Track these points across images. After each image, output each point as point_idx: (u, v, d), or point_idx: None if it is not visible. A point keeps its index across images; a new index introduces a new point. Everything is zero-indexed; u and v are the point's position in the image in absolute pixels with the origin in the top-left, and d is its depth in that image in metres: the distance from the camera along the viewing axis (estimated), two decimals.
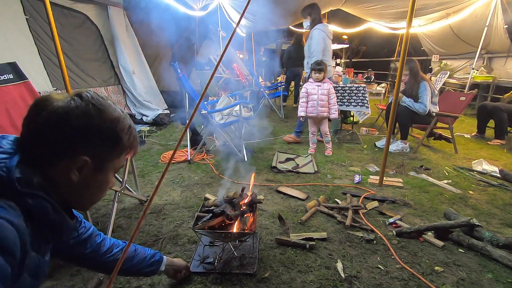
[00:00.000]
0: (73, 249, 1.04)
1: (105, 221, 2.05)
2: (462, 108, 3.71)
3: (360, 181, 2.73)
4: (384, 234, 1.90)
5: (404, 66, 2.56)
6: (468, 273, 1.56)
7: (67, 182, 0.71)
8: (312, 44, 3.77)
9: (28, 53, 3.67)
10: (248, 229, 1.59)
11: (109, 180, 0.80)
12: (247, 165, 3.09)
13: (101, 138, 0.72)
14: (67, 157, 0.69)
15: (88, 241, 1.08)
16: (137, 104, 5.27)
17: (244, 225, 1.61)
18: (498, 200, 2.40)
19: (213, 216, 1.57)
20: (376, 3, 5.28)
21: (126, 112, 0.80)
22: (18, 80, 1.96)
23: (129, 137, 0.78)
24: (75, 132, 0.69)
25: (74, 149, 0.70)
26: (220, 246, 1.70)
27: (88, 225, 1.11)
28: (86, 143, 0.70)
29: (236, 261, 1.61)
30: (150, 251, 1.28)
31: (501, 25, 5.40)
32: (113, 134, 0.74)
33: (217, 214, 1.56)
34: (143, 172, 2.94)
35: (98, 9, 4.79)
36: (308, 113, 3.50)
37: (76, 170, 0.71)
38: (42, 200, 0.66)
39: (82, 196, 0.78)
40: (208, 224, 1.54)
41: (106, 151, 0.75)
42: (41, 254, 0.72)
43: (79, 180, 0.72)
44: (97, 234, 1.13)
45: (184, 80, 3.30)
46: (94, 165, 0.73)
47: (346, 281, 1.50)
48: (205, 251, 1.69)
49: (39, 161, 0.68)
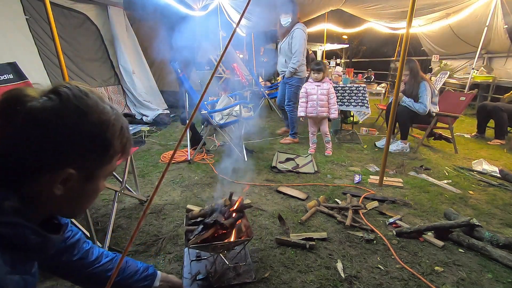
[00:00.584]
0: (59, 256, 0.92)
1: (105, 221, 2.05)
2: (462, 108, 3.71)
3: (360, 181, 2.73)
4: (384, 234, 1.90)
5: (404, 66, 2.56)
6: (468, 273, 1.56)
7: (49, 198, 0.60)
8: (295, 44, 3.72)
9: (28, 53, 3.67)
10: (245, 235, 1.51)
11: (99, 188, 0.70)
12: (247, 165, 3.10)
13: (87, 146, 0.60)
14: (48, 171, 0.57)
15: (75, 246, 0.96)
16: (137, 104, 5.27)
17: (240, 232, 1.52)
18: (498, 200, 2.40)
19: (205, 228, 1.44)
20: (376, 3, 5.28)
21: (117, 109, 0.67)
22: (18, 80, 1.95)
23: (122, 140, 0.66)
24: (55, 141, 0.56)
25: (55, 161, 0.58)
26: (208, 259, 1.59)
27: (76, 230, 0.99)
28: (70, 153, 0.59)
29: (231, 272, 1.52)
30: (142, 264, 1.15)
31: (501, 25, 5.40)
32: (103, 140, 0.62)
33: (210, 225, 1.44)
34: (143, 172, 2.94)
35: (98, 9, 4.79)
36: (308, 113, 3.50)
37: (60, 184, 0.59)
38: (18, 227, 0.57)
39: (69, 207, 0.68)
40: (201, 237, 1.41)
41: (94, 160, 0.63)
42: (27, 273, 0.64)
43: (64, 193, 0.61)
44: (85, 241, 1.02)
45: (184, 80, 3.30)
46: (81, 176, 0.62)
47: (346, 281, 1.50)
48: (193, 267, 1.56)
49: (11, 180, 0.56)
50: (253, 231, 1.91)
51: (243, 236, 1.50)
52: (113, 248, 1.74)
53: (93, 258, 1.00)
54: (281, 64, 4.01)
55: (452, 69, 7.46)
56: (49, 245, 0.65)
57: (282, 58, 3.96)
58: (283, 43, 3.88)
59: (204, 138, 3.35)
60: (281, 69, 4.03)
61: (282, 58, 3.97)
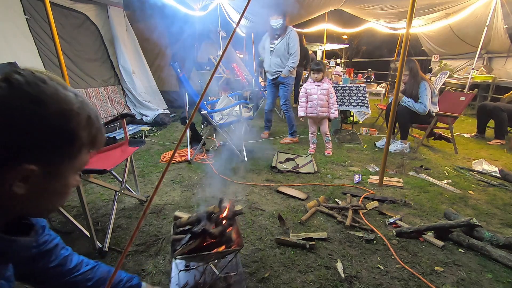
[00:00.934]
0: (34, 263, 0.84)
1: (105, 221, 2.05)
2: (462, 108, 3.71)
3: (360, 181, 2.73)
4: (384, 234, 1.90)
5: (404, 66, 2.56)
6: (468, 273, 1.56)
7: (10, 197, 0.55)
8: (293, 45, 3.89)
9: (28, 53, 3.67)
10: (236, 245, 1.40)
11: (70, 183, 0.63)
12: (247, 165, 3.10)
13: (47, 139, 0.54)
14: (3, 168, 0.52)
15: (53, 252, 0.88)
16: (137, 104, 5.27)
17: (230, 241, 1.41)
18: (498, 200, 2.40)
19: (193, 237, 1.35)
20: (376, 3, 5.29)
21: (83, 97, 0.60)
22: None
23: (90, 132, 0.59)
24: (6, 134, 0.51)
25: (9, 157, 0.52)
26: (198, 269, 1.49)
27: (54, 235, 0.92)
28: (26, 148, 0.52)
29: (222, 282, 1.43)
30: (126, 274, 1.07)
31: (501, 25, 5.40)
32: (65, 132, 0.56)
33: (198, 234, 1.34)
34: (143, 172, 2.94)
35: (98, 9, 4.79)
36: (308, 113, 3.50)
37: (21, 181, 0.54)
38: None
39: (36, 206, 0.61)
40: (189, 248, 1.32)
41: (58, 154, 0.57)
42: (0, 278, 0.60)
43: (28, 191, 0.55)
44: (63, 247, 0.94)
45: (184, 80, 3.30)
46: (44, 172, 0.55)
47: (346, 281, 1.50)
48: (182, 277, 1.45)
49: None
50: (248, 236, 1.91)
51: (233, 245, 1.40)
52: (113, 248, 1.74)
53: (72, 266, 0.93)
54: (275, 64, 4.00)
55: (452, 69, 7.47)
56: (15, 249, 0.60)
57: (277, 58, 3.97)
58: (279, 44, 3.92)
59: (204, 138, 3.35)
60: (276, 69, 4.03)
61: (277, 58, 3.98)
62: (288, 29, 3.90)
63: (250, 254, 1.70)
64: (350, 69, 6.59)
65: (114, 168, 1.81)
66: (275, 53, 3.98)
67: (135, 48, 5.36)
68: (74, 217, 1.97)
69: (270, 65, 4.05)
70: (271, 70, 4.09)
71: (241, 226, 1.98)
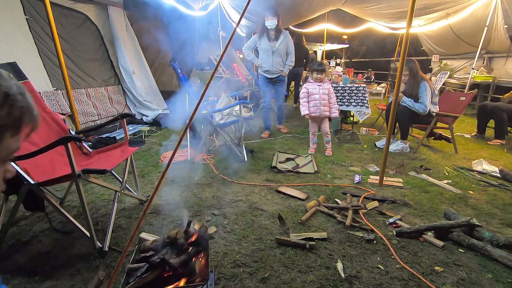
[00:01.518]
0: None
1: (105, 221, 2.06)
2: (462, 108, 3.71)
3: (360, 181, 2.73)
4: (384, 234, 1.90)
5: (404, 66, 2.56)
6: (468, 273, 1.56)
7: None
8: (290, 45, 4.14)
9: (28, 53, 3.67)
10: (199, 278, 1.20)
11: None
12: (247, 165, 3.10)
13: None
14: None
15: None
16: (137, 104, 5.27)
17: (193, 273, 1.21)
18: (498, 200, 2.40)
19: (151, 268, 1.17)
20: (376, 3, 5.28)
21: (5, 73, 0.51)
22: (18, 80, 1.96)
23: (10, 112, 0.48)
24: None
25: None
26: None
27: None
28: None
29: None
30: None
31: (501, 25, 5.40)
32: None
33: (156, 264, 1.17)
34: (143, 172, 2.94)
35: (98, 9, 4.79)
36: (311, 113, 3.51)
37: None
38: None
39: None
40: (144, 281, 1.14)
41: None
42: None
43: None
44: None
45: (184, 80, 3.30)
46: None
47: (346, 281, 1.50)
48: None
49: None
50: (248, 236, 1.91)
51: (197, 279, 1.20)
52: (113, 248, 1.74)
53: None
54: (277, 63, 4.14)
55: (452, 69, 7.46)
56: None
57: (278, 57, 4.13)
58: (281, 44, 4.07)
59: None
60: (279, 68, 4.17)
61: (278, 58, 4.13)
62: (283, 30, 4.09)
63: (250, 254, 1.70)
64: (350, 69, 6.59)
65: (114, 168, 1.82)
66: (277, 53, 4.10)
67: (135, 48, 5.36)
68: (74, 217, 1.97)
69: (273, 64, 4.15)
70: (273, 69, 4.18)
71: (241, 226, 1.98)
